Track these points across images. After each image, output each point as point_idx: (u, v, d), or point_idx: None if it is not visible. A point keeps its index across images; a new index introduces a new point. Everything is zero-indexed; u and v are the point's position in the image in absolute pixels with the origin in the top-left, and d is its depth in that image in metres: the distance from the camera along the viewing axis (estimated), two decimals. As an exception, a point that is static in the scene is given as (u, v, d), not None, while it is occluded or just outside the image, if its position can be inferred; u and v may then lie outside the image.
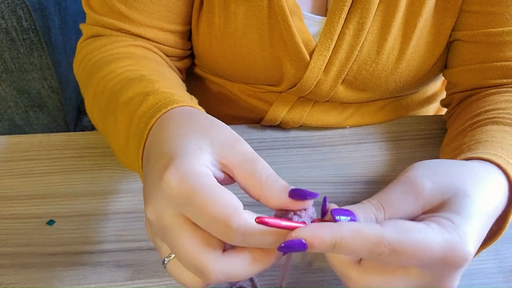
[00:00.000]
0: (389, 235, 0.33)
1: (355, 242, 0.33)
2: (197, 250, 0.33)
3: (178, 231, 0.33)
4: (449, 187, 0.37)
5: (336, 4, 0.56)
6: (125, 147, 0.45)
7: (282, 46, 0.59)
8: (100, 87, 0.52)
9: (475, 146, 0.46)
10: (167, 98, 0.42)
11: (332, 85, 0.60)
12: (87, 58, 0.58)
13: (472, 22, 0.57)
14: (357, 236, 0.33)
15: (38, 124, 1.19)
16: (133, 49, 0.58)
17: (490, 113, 0.52)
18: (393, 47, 0.58)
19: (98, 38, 0.60)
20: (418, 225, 0.34)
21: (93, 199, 0.56)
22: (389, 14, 0.56)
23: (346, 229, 0.33)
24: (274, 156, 0.61)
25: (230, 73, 0.65)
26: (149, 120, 0.41)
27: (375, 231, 0.33)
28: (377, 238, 0.32)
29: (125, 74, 0.51)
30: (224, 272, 0.33)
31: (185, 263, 0.33)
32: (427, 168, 0.39)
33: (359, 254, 0.34)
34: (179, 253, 0.33)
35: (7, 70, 1.07)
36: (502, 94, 0.56)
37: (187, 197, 0.32)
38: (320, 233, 0.32)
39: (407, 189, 0.37)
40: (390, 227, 0.33)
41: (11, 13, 0.98)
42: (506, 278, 0.49)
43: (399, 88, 0.62)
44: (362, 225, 0.33)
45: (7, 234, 0.52)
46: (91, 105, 0.54)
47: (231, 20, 0.58)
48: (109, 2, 0.58)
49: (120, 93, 0.47)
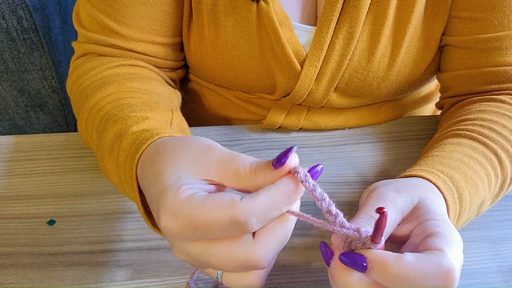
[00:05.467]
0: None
1: (417, 276, 0.35)
2: (232, 252, 0.33)
3: (207, 252, 0.34)
4: (410, 194, 0.42)
5: (325, 14, 0.56)
6: (119, 185, 0.46)
7: (273, 56, 0.59)
8: (89, 121, 0.52)
9: (419, 161, 0.50)
10: (136, 140, 0.43)
11: (325, 94, 0.60)
12: (78, 82, 0.58)
13: (462, 28, 0.57)
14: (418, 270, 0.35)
15: (38, 124, 1.19)
16: (120, 70, 0.58)
17: (458, 124, 0.54)
18: (384, 55, 0.58)
19: (89, 59, 0.60)
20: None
21: (93, 199, 0.56)
22: (379, 22, 0.56)
23: (411, 259, 0.35)
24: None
25: (223, 82, 0.65)
26: (130, 171, 0.42)
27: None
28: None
29: (105, 109, 0.51)
30: (266, 249, 0.33)
31: (234, 268, 0.34)
32: (387, 184, 0.44)
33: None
34: (224, 267, 0.34)
35: (7, 70, 1.07)
36: (481, 103, 0.57)
37: (189, 226, 0.33)
38: (387, 260, 0.35)
39: (383, 202, 0.41)
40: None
41: (12, 13, 0.98)
42: (505, 278, 0.49)
43: (392, 93, 0.62)
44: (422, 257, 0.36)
45: (7, 234, 0.52)
46: (85, 135, 0.54)
47: (221, 32, 0.59)
48: (99, 19, 0.58)
49: (102, 137, 0.48)
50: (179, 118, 0.52)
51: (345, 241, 0.36)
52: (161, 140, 0.41)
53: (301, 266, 0.50)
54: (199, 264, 0.36)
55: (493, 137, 0.51)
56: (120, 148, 0.44)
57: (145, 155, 0.41)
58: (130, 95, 0.53)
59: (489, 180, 0.48)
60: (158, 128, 0.44)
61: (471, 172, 0.47)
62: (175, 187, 0.34)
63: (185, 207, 0.33)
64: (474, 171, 0.47)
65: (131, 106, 0.50)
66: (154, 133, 0.43)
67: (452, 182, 0.45)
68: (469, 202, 0.46)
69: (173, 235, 0.34)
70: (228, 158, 0.35)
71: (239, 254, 0.33)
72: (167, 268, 0.50)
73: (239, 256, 0.33)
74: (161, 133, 0.42)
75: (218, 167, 0.35)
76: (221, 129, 0.65)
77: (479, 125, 0.52)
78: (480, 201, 0.48)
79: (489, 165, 0.49)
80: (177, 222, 0.33)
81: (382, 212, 0.33)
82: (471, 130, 0.52)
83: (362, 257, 0.35)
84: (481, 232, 0.53)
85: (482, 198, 0.48)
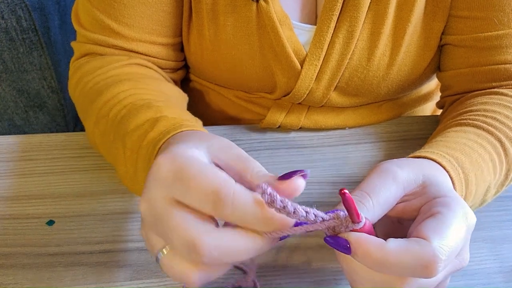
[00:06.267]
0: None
1: (404, 261, 0.34)
2: (188, 224, 0.32)
3: (169, 212, 0.33)
4: (414, 170, 0.41)
5: (325, 13, 0.56)
6: (133, 173, 0.46)
7: (273, 56, 0.59)
8: (103, 112, 0.52)
9: (423, 147, 0.49)
10: (176, 124, 0.44)
11: (325, 93, 0.60)
12: (83, 81, 0.58)
13: (462, 27, 0.57)
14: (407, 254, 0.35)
15: (37, 124, 1.19)
16: (129, 69, 0.58)
17: (461, 115, 0.54)
18: (384, 54, 0.58)
19: (91, 59, 0.60)
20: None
21: (92, 199, 0.56)
22: (378, 21, 0.57)
23: (393, 247, 0.35)
24: (275, 156, 0.61)
25: (224, 82, 0.65)
26: (157, 143, 0.42)
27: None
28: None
29: (128, 100, 0.51)
30: (217, 246, 0.32)
31: (177, 241, 0.32)
32: (391, 161, 0.42)
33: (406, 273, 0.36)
34: (171, 232, 0.32)
35: (6, 70, 1.07)
36: (482, 96, 0.56)
37: (176, 173, 0.32)
38: (368, 246, 0.35)
39: (384, 176, 0.40)
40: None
41: (11, 13, 0.98)
42: (506, 278, 0.49)
43: (392, 92, 0.62)
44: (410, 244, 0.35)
45: (6, 234, 0.52)
46: (92, 131, 0.54)
47: (221, 32, 0.59)
48: (99, 19, 0.58)
49: (128, 120, 0.48)
50: (201, 125, 0.54)
51: (329, 229, 0.36)
52: (195, 131, 0.43)
53: (301, 266, 0.50)
54: (152, 222, 0.34)
55: (497, 125, 0.51)
56: (155, 126, 0.44)
57: (179, 135, 0.41)
58: (147, 92, 0.54)
59: (494, 165, 0.48)
60: (192, 120, 0.46)
61: (476, 155, 0.47)
62: (190, 149, 0.35)
63: (185, 158, 0.33)
64: (479, 154, 0.47)
65: (156, 101, 0.50)
66: (192, 125, 0.44)
67: (458, 163, 0.45)
68: (475, 186, 0.46)
69: (158, 176, 0.33)
70: (244, 158, 0.36)
71: (192, 229, 0.32)
72: (167, 268, 0.50)
73: (191, 232, 0.32)
74: (198, 126, 0.44)
75: (232, 159, 0.36)
76: (221, 129, 0.65)
77: (482, 115, 0.52)
78: (486, 186, 0.48)
79: (494, 150, 0.49)
80: (170, 165, 0.33)
81: (343, 193, 0.33)
82: (474, 119, 0.52)
83: (345, 240, 0.35)
84: (482, 232, 0.53)
85: (488, 184, 0.48)
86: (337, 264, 0.49)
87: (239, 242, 0.33)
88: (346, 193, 0.33)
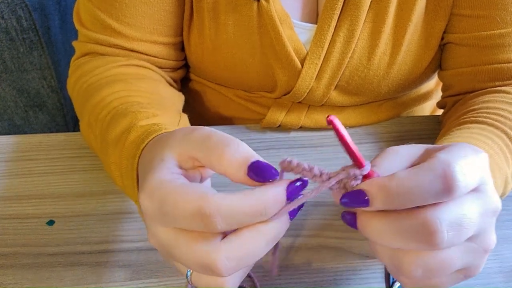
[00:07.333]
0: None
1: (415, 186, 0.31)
2: (195, 250, 0.32)
3: (174, 243, 0.33)
4: (418, 145, 0.39)
5: (326, 12, 0.56)
6: (122, 184, 0.46)
7: (273, 55, 0.59)
8: (93, 116, 0.52)
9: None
10: (144, 133, 0.43)
11: (325, 92, 0.60)
12: (81, 80, 0.58)
13: (464, 26, 0.57)
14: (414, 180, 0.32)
15: (37, 124, 1.19)
16: (125, 70, 0.58)
17: (464, 116, 0.53)
18: (384, 53, 0.58)
19: (92, 58, 0.60)
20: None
21: (92, 199, 0.56)
22: (379, 20, 0.56)
23: (405, 172, 0.32)
24: (275, 156, 0.61)
25: (224, 81, 0.65)
26: (133, 160, 0.42)
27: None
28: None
29: (113, 104, 0.51)
30: (229, 257, 0.32)
31: (194, 266, 0.33)
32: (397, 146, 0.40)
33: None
34: (185, 261, 0.33)
35: (6, 70, 1.07)
36: (484, 95, 0.56)
37: (159, 208, 0.32)
38: (381, 181, 0.32)
39: (386, 151, 0.38)
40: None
41: (11, 13, 0.98)
42: (506, 278, 0.49)
43: (392, 91, 0.62)
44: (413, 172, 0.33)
45: (6, 234, 0.52)
46: (87, 133, 0.55)
47: (222, 31, 0.59)
48: (100, 19, 0.58)
49: (108, 131, 0.48)
50: (186, 121, 0.53)
51: (340, 188, 0.34)
52: (159, 137, 0.41)
53: (301, 266, 0.50)
54: (166, 253, 0.35)
55: (500, 119, 0.50)
56: (126, 140, 0.44)
57: (149, 146, 0.40)
58: (138, 93, 0.53)
59: (505, 156, 0.47)
60: (167, 124, 0.44)
61: (486, 147, 0.46)
62: (159, 168, 0.34)
63: (160, 189, 0.32)
64: (488, 145, 0.46)
65: (139, 104, 0.50)
66: (162, 127, 0.43)
67: None
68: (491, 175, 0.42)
69: (148, 216, 0.33)
70: (206, 135, 0.34)
71: (200, 251, 0.32)
72: (166, 268, 0.50)
73: (200, 254, 0.32)
74: (169, 128, 0.42)
75: (195, 146, 0.34)
76: (221, 129, 0.64)
77: (485, 112, 0.52)
78: (504, 178, 0.46)
79: (502, 142, 0.48)
80: (151, 202, 0.32)
81: (329, 120, 0.32)
82: (477, 117, 0.51)
83: (359, 191, 0.33)
84: (482, 232, 0.53)
85: (505, 175, 0.46)
86: (337, 264, 0.49)
87: (249, 242, 0.32)
88: (331, 119, 0.31)
